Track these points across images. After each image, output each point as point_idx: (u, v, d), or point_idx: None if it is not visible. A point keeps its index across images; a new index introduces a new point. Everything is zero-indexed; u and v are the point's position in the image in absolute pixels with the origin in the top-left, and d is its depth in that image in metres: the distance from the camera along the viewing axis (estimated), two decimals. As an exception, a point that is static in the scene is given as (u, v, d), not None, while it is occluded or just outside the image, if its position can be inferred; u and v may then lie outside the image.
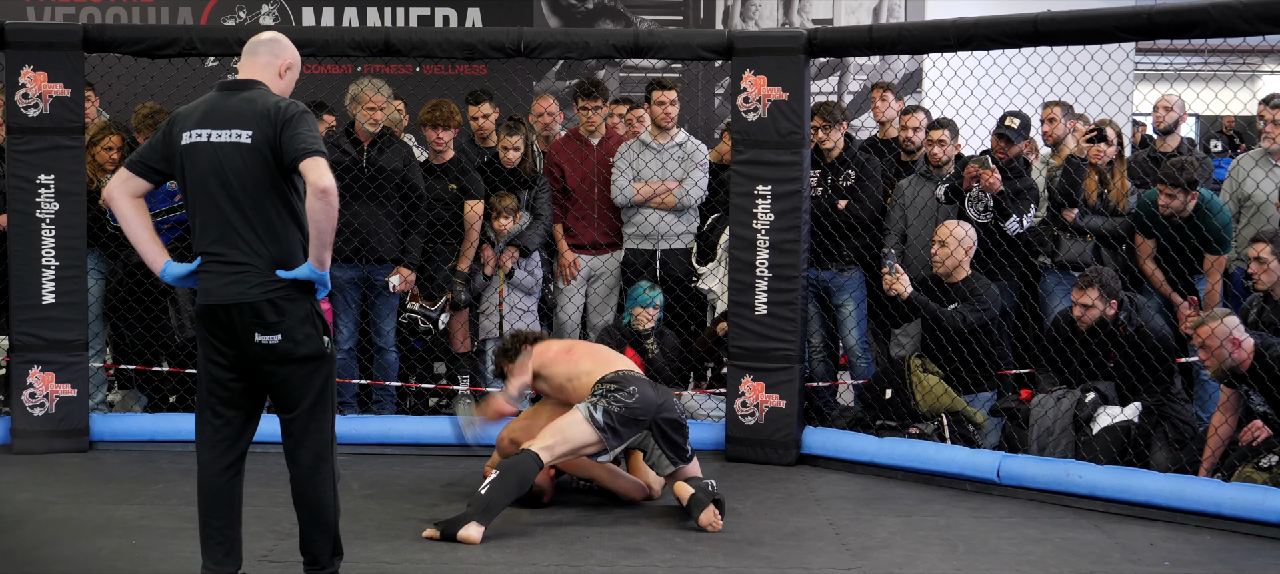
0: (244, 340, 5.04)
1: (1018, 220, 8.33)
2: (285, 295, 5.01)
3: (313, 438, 5.21)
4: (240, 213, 4.99)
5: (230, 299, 5.01)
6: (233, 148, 4.99)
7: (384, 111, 8.55)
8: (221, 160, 5.00)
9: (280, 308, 5.00)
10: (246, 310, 5.00)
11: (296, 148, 4.90)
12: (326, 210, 4.86)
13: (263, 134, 4.96)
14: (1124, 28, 7.29)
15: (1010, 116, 8.42)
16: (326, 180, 4.85)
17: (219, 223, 5.03)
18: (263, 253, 4.99)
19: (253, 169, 4.97)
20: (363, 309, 8.71)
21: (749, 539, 6.48)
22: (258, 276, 4.99)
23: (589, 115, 9.09)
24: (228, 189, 5.00)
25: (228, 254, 5.02)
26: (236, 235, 5.00)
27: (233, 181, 4.99)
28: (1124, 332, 7.59)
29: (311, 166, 4.87)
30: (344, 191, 8.36)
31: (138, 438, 8.33)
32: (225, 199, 5.01)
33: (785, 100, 8.08)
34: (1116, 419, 7.42)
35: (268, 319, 5.00)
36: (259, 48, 5.27)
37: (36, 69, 8.00)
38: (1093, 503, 7.10)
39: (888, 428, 8.06)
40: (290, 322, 5.02)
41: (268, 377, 5.12)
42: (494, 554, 6.12)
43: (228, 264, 5.02)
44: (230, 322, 5.04)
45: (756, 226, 8.13)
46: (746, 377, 8.19)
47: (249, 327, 5.01)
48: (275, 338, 5.01)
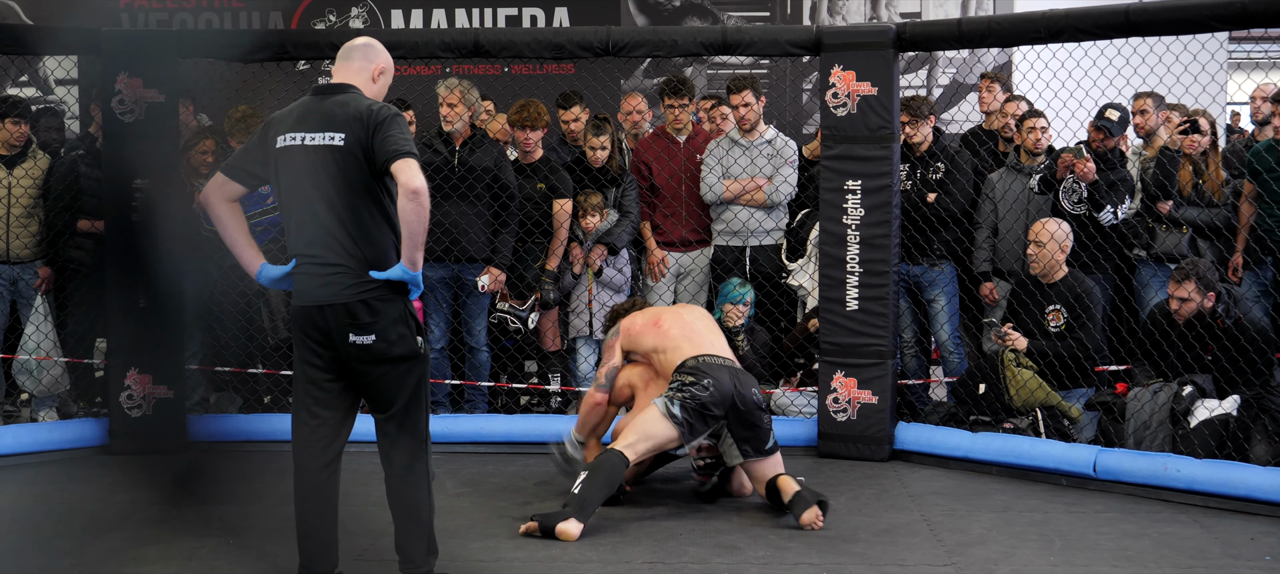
0: (339, 341, 5.10)
1: (1112, 211, 8.24)
2: (378, 296, 5.07)
3: (407, 437, 5.28)
4: (333, 215, 5.06)
5: (324, 300, 5.08)
6: (326, 150, 5.07)
7: (458, 108, 8.55)
8: (315, 162, 5.07)
9: (374, 308, 5.07)
10: (340, 311, 5.07)
11: (388, 149, 4.97)
12: (417, 211, 4.92)
13: (355, 136, 5.03)
14: (1217, 17, 7.18)
15: (1110, 109, 8.35)
16: (418, 182, 4.92)
17: (312, 225, 5.09)
18: (356, 254, 5.06)
19: (346, 171, 5.04)
20: (454, 308, 8.76)
21: (843, 536, 6.46)
22: (351, 277, 5.06)
23: (676, 113, 9.10)
24: (321, 191, 5.07)
25: (322, 255, 5.09)
26: (330, 237, 5.07)
27: (326, 183, 5.06)
28: (1222, 325, 7.49)
29: (403, 168, 4.93)
30: (435, 191, 8.45)
31: (234, 438, 8.44)
32: (319, 201, 5.07)
33: (874, 95, 8.05)
34: (1214, 412, 7.32)
35: (361, 319, 5.06)
36: (353, 52, 5.34)
37: (132, 75, 8.12)
38: (1191, 497, 7.03)
39: (981, 423, 8.01)
40: (384, 322, 5.08)
41: (362, 377, 5.19)
42: (587, 552, 6.14)
43: (322, 265, 5.09)
44: (325, 322, 5.10)
45: (847, 222, 8.11)
46: (838, 373, 8.17)
47: (343, 327, 5.08)
48: (369, 338, 5.08)
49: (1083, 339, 8.01)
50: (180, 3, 12.36)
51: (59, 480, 7.61)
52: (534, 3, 12.38)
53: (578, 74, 11.12)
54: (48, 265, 8.76)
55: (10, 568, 5.94)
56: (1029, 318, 8.14)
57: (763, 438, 6.77)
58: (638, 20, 12.33)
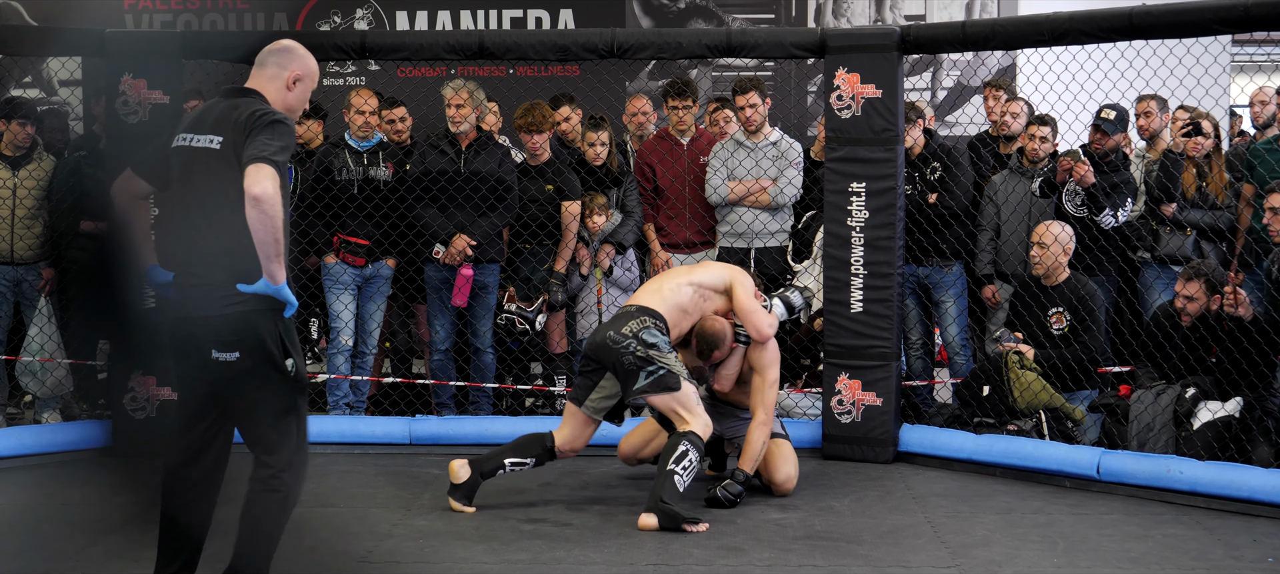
0: (205, 355, 4.82)
1: (1113, 214, 8.24)
2: (244, 310, 4.76)
3: (266, 458, 4.97)
4: (206, 222, 4.81)
5: (191, 313, 4.83)
6: (204, 152, 4.81)
7: (464, 110, 8.57)
8: (195, 164, 4.83)
9: (237, 324, 4.77)
10: (205, 325, 4.80)
11: (248, 153, 4.66)
12: (261, 219, 4.60)
13: (231, 140, 4.75)
14: (1220, 20, 7.19)
15: (1106, 109, 8.35)
16: (260, 187, 4.58)
17: (187, 231, 4.86)
18: (225, 265, 4.75)
19: (220, 176, 4.77)
20: (460, 310, 8.77)
21: (847, 537, 6.46)
22: (219, 291, 4.76)
23: (680, 115, 9.10)
24: (196, 195, 4.83)
25: (192, 265, 4.86)
26: (201, 246, 4.81)
27: (201, 188, 4.81)
28: (1226, 326, 7.49)
29: (251, 173, 4.61)
30: (440, 193, 8.49)
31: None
32: (195, 207, 4.84)
33: (879, 97, 8.05)
34: (1217, 414, 7.32)
35: (225, 336, 4.78)
36: (267, 57, 5.07)
37: (136, 76, 8.14)
38: (1194, 499, 7.02)
39: (985, 425, 8.01)
40: (249, 339, 4.78)
41: (227, 393, 4.90)
42: (592, 553, 6.14)
43: (192, 275, 4.87)
44: (192, 335, 4.84)
45: (851, 224, 8.11)
46: (842, 374, 8.17)
47: (208, 342, 4.79)
48: (232, 355, 4.79)
49: (1086, 342, 8.01)
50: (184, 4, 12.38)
51: (62, 482, 7.62)
52: (539, 4, 12.39)
53: (582, 76, 11.13)
54: (51, 267, 8.76)
55: (12, 569, 5.95)
56: (1032, 320, 8.15)
57: (628, 377, 6.79)
58: (642, 22, 12.34)
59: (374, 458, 8.20)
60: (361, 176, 8.62)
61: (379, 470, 7.88)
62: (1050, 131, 8.62)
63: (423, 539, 6.38)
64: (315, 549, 6.18)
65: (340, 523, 6.68)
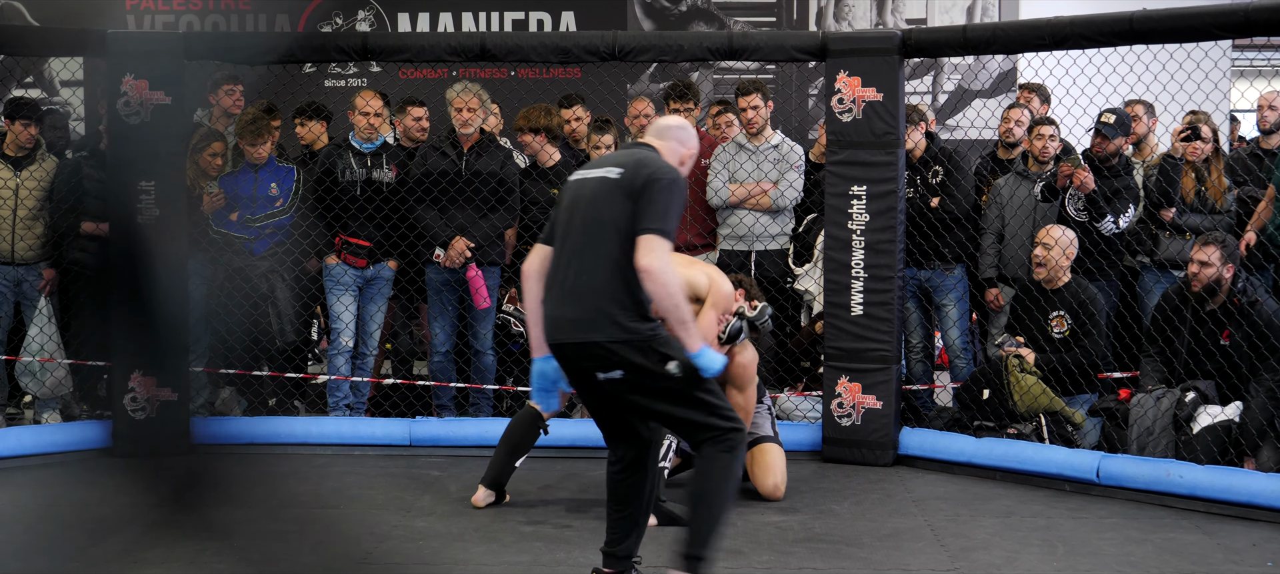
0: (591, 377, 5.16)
1: (1114, 220, 8.25)
2: (625, 340, 5.03)
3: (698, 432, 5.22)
4: (593, 250, 5.10)
5: (574, 338, 5.12)
6: (601, 181, 5.15)
7: (475, 113, 8.59)
8: (583, 194, 5.20)
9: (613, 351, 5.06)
10: (580, 350, 5.12)
11: (642, 222, 4.96)
12: (656, 290, 4.94)
13: (629, 178, 5.07)
14: (1221, 25, 7.20)
15: (1106, 113, 8.35)
16: (646, 259, 4.91)
17: (576, 258, 5.15)
18: (609, 294, 5.06)
19: (613, 202, 5.07)
20: (460, 312, 8.76)
21: (847, 540, 6.47)
22: (604, 319, 5.05)
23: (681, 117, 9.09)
24: (584, 222, 5.15)
25: (580, 292, 5.13)
26: (589, 274, 5.10)
27: (590, 214, 5.13)
28: (1238, 303, 7.48)
29: (642, 243, 4.93)
30: (441, 194, 8.49)
31: (238, 441, 8.45)
32: (583, 233, 5.15)
33: (880, 101, 8.05)
34: (1217, 418, 7.33)
35: (602, 360, 5.07)
36: (668, 132, 5.42)
37: (138, 77, 8.14)
38: (1193, 503, 7.03)
39: (985, 428, 8.01)
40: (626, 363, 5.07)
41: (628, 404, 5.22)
42: (592, 556, 6.11)
43: (579, 304, 5.14)
44: (571, 359, 5.18)
45: (852, 227, 8.11)
46: (842, 377, 8.17)
47: (590, 367, 5.11)
48: (617, 374, 5.07)
49: (1087, 346, 8.01)
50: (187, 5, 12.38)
51: (62, 483, 7.62)
52: (540, 6, 12.39)
53: (583, 78, 11.13)
54: (52, 267, 8.75)
55: (12, 569, 5.95)
56: (1033, 324, 8.15)
57: None
58: (644, 24, 12.34)
59: (374, 459, 8.21)
60: (365, 178, 8.63)
61: (379, 472, 7.89)
62: (1055, 131, 8.63)
63: (423, 541, 6.39)
64: (315, 550, 6.19)
65: (340, 524, 6.70)
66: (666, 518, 6.54)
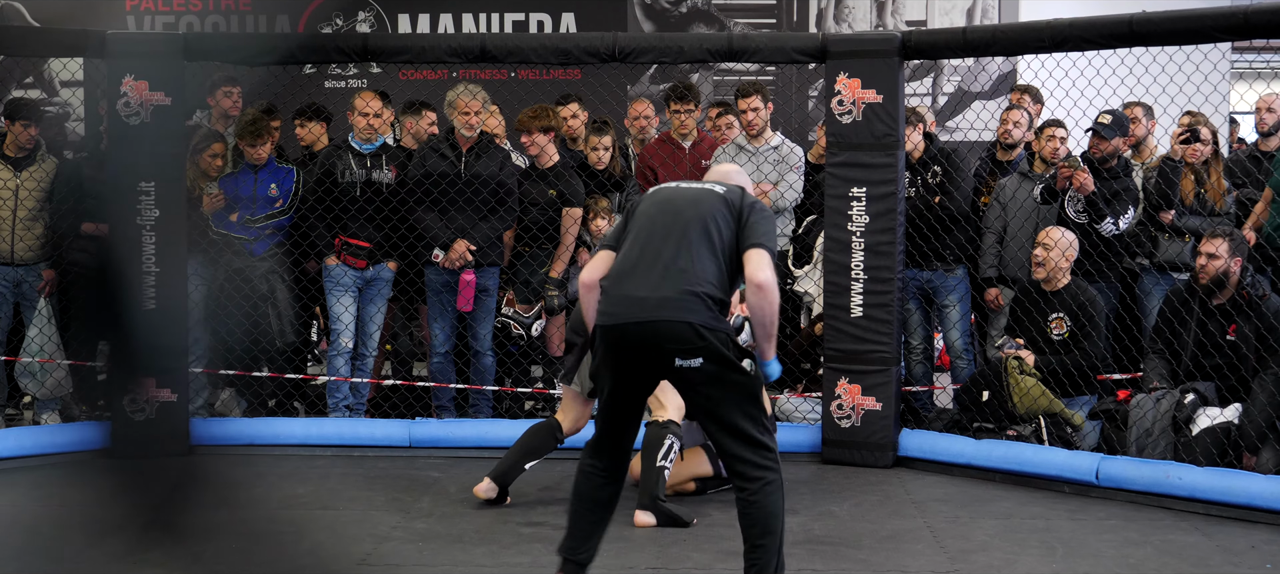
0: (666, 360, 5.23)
1: (1113, 222, 8.24)
2: (712, 328, 5.13)
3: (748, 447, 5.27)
4: (694, 244, 5.21)
5: (662, 316, 5.17)
6: (706, 192, 5.36)
7: (479, 116, 8.61)
8: (686, 199, 5.36)
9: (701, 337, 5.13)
10: (670, 330, 5.17)
11: (750, 238, 5.20)
12: (762, 303, 5.16)
13: (731, 192, 5.34)
14: (1220, 27, 7.22)
15: (1103, 114, 8.35)
16: (761, 274, 5.13)
17: (674, 245, 5.24)
18: (708, 283, 5.19)
19: (717, 211, 5.26)
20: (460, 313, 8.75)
21: (846, 542, 6.48)
22: (697, 305, 5.14)
23: (682, 118, 9.11)
24: (686, 220, 5.26)
25: (673, 276, 5.21)
26: (689, 262, 5.20)
27: (692, 214, 5.26)
28: (1246, 296, 7.48)
29: (754, 257, 5.16)
30: (441, 196, 8.49)
31: (237, 442, 8.44)
32: (685, 227, 5.25)
33: (880, 103, 8.05)
34: (1216, 420, 7.33)
35: (691, 345, 5.13)
36: (733, 176, 5.62)
37: (138, 78, 8.14)
38: (1193, 505, 7.03)
39: (985, 430, 8.01)
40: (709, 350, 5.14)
41: (694, 395, 5.31)
42: (591, 557, 6.15)
43: (671, 284, 5.21)
44: (653, 337, 5.21)
45: (851, 229, 8.11)
46: (842, 379, 8.17)
47: (672, 350, 5.16)
48: (696, 361, 5.13)
49: (1086, 348, 8.01)
50: (187, 5, 12.39)
51: (61, 484, 7.61)
52: (540, 8, 12.40)
53: (584, 79, 11.14)
54: (52, 268, 8.74)
55: (11, 570, 5.95)
56: (1032, 325, 8.14)
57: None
58: (644, 26, 12.35)
59: (374, 461, 8.21)
60: (364, 179, 8.62)
61: (378, 473, 7.89)
62: (1064, 132, 8.61)
63: (422, 542, 6.39)
64: (314, 552, 6.19)
65: (339, 525, 6.70)
66: (667, 518, 6.54)
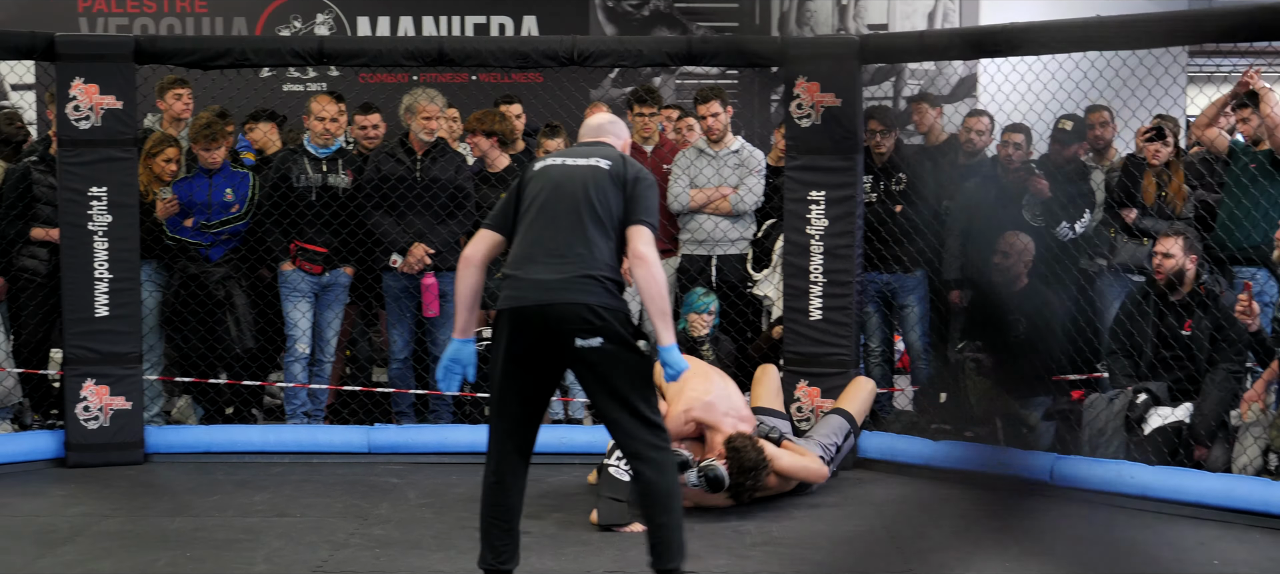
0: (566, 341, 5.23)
1: (1070, 226, 8.28)
2: (609, 306, 5.19)
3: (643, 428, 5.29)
4: (584, 224, 5.24)
5: (558, 298, 5.20)
6: (591, 170, 5.31)
7: (439, 121, 8.59)
8: (574, 178, 5.30)
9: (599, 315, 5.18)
10: (570, 310, 5.20)
11: (635, 214, 5.24)
12: (648, 276, 5.16)
13: (618, 170, 5.29)
14: (1173, 33, 7.31)
15: (1064, 119, 8.38)
16: (645, 247, 5.19)
17: (565, 229, 5.26)
18: (599, 263, 5.24)
19: (605, 189, 5.26)
20: (418, 318, 8.73)
21: (804, 543, 6.50)
22: (591, 285, 5.20)
23: (644, 121, 9.12)
24: (575, 200, 5.27)
25: (568, 258, 5.25)
26: (580, 244, 5.24)
27: (581, 195, 5.26)
28: (1203, 291, 7.54)
29: (637, 232, 5.21)
30: (398, 201, 8.46)
31: (193, 450, 8.40)
32: (573, 209, 5.27)
33: (839, 106, 8.06)
34: (1168, 420, 7.38)
35: (590, 325, 5.16)
36: (606, 129, 5.60)
37: (88, 81, 8.07)
38: (1144, 503, 7.08)
39: (943, 431, 8.04)
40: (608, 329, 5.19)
41: (592, 375, 5.31)
42: (548, 562, 6.15)
43: (566, 266, 5.25)
44: (554, 319, 5.22)
45: (810, 232, 8.13)
46: (801, 381, 8.18)
47: (570, 330, 5.18)
48: (596, 341, 5.17)
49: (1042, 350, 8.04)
50: (141, 7, 12.34)
51: (13, 493, 7.50)
52: (502, 10, 12.40)
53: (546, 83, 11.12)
54: (1, 275, 8.61)
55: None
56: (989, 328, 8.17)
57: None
58: (606, 29, 12.36)
59: (332, 467, 8.18)
60: (320, 183, 8.58)
61: (337, 480, 7.86)
62: (1024, 139, 8.61)
63: (379, 548, 6.38)
64: (269, 559, 6.16)
65: (296, 532, 6.66)
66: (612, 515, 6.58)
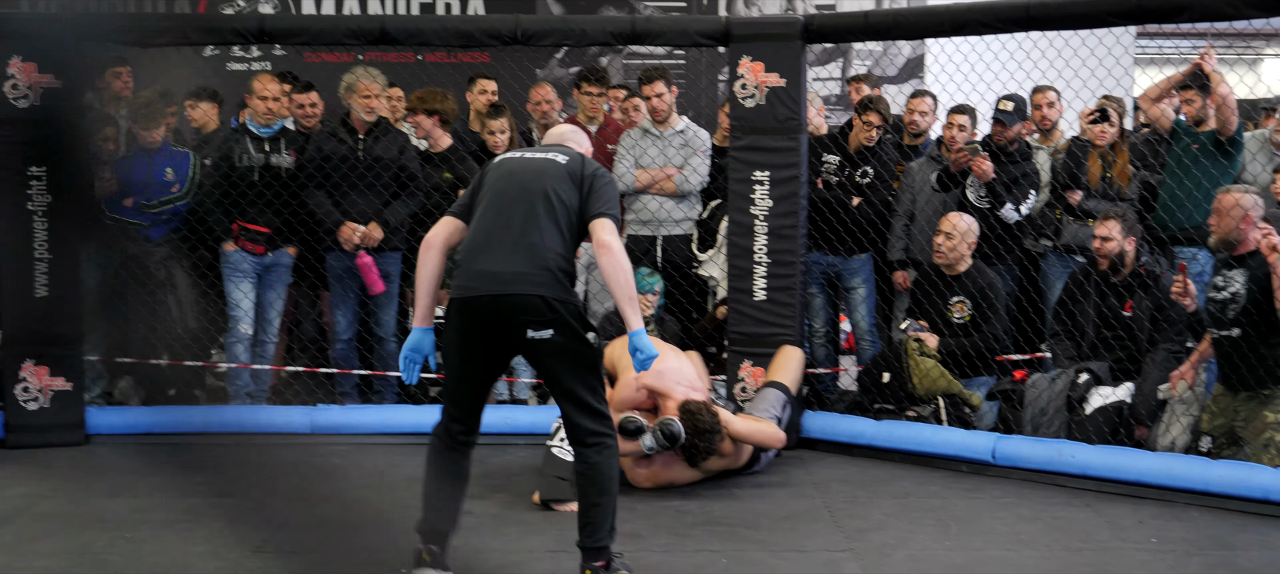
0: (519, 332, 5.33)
1: (1014, 208, 8.32)
2: (562, 298, 5.30)
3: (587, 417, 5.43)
4: (540, 217, 5.33)
5: (513, 291, 5.29)
6: (548, 163, 5.44)
7: (379, 100, 8.55)
8: (531, 170, 5.43)
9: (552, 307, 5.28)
10: (523, 303, 5.30)
11: (595, 206, 5.34)
12: (613, 264, 5.27)
13: (575, 164, 5.43)
14: (1115, 12, 7.35)
15: (1004, 100, 8.42)
16: (609, 236, 5.29)
17: (520, 221, 5.34)
18: (554, 255, 5.34)
19: (562, 182, 5.38)
20: (362, 299, 8.71)
21: (745, 523, 6.51)
22: (547, 276, 5.30)
23: (592, 100, 9.10)
24: (533, 193, 5.36)
25: (521, 250, 5.33)
26: (535, 236, 5.32)
27: (538, 188, 5.36)
28: (1144, 272, 7.61)
29: (601, 224, 5.31)
30: (341, 181, 8.43)
31: (135, 431, 8.33)
32: (530, 201, 5.36)
33: (783, 87, 8.07)
34: (1109, 399, 7.44)
35: (544, 317, 5.26)
36: (570, 137, 5.75)
37: (26, 59, 7.98)
38: (1085, 482, 7.14)
39: (885, 411, 8.08)
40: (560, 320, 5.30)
41: (544, 364, 5.43)
42: (490, 541, 6.16)
43: (521, 259, 5.33)
44: (506, 311, 5.31)
45: (754, 212, 8.14)
46: (746, 362, 8.19)
47: (524, 322, 5.29)
48: (547, 332, 5.27)
49: (986, 332, 8.09)
50: (87, -17, 12.24)
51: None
52: (449, -10, 12.36)
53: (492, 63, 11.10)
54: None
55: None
56: (933, 308, 8.21)
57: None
58: (553, 9, 12.33)
59: (276, 448, 8.15)
60: (263, 163, 8.54)
61: (279, 461, 7.83)
62: (969, 120, 8.64)
63: (320, 528, 6.36)
64: (210, 540, 6.14)
65: (237, 513, 6.63)
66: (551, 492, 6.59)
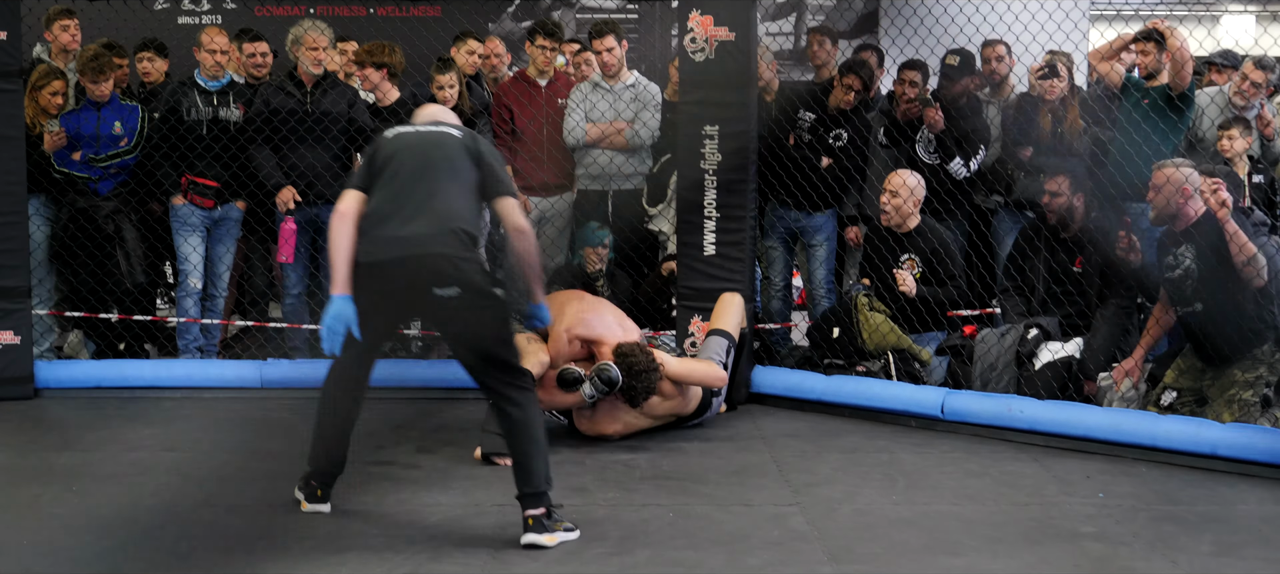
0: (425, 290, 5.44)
1: (964, 164, 8.33)
2: (469, 258, 5.45)
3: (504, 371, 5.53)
4: (444, 183, 5.50)
5: (421, 251, 5.41)
6: (445, 137, 5.60)
7: (326, 53, 8.50)
8: (430, 142, 5.60)
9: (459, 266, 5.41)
10: (433, 261, 5.44)
11: (496, 187, 5.53)
12: (525, 246, 5.52)
13: (469, 139, 5.59)
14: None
15: (950, 54, 8.41)
16: (520, 220, 5.51)
17: (426, 187, 5.48)
18: (460, 218, 5.49)
19: (457, 154, 5.53)
20: (312, 253, 8.67)
21: (693, 477, 6.52)
22: (453, 239, 5.44)
23: (545, 54, 9.06)
24: (435, 163, 5.53)
25: (429, 213, 5.46)
26: (441, 200, 5.46)
27: (440, 158, 5.54)
28: (1094, 227, 7.67)
29: (508, 206, 5.51)
30: (289, 134, 8.37)
31: (84, 385, 8.31)
32: (433, 168, 5.52)
33: (732, 41, 8.04)
34: (1058, 354, 7.47)
35: (447, 276, 5.39)
36: (441, 117, 5.89)
37: None
38: (1033, 437, 7.16)
39: (835, 366, 8.09)
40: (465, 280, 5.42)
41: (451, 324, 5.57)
42: (439, 496, 6.15)
43: (430, 221, 5.46)
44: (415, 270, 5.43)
45: (704, 167, 8.12)
46: (696, 317, 8.19)
47: (430, 280, 5.41)
48: (453, 291, 5.40)
49: (939, 291, 8.09)
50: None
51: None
52: (401, -57, 12.24)
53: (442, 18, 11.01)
54: None
55: None
56: (884, 266, 8.21)
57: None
58: (506, -38, 12.25)
59: (225, 402, 8.13)
60: (211, 117, 8.48)
61: (228, 414, 7.81)
62: (920, 76, 8.62)
63: (267, 481, 6.33)
64: (157, 493, 6.12)
65: (185, 466, 6.62)
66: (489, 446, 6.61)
